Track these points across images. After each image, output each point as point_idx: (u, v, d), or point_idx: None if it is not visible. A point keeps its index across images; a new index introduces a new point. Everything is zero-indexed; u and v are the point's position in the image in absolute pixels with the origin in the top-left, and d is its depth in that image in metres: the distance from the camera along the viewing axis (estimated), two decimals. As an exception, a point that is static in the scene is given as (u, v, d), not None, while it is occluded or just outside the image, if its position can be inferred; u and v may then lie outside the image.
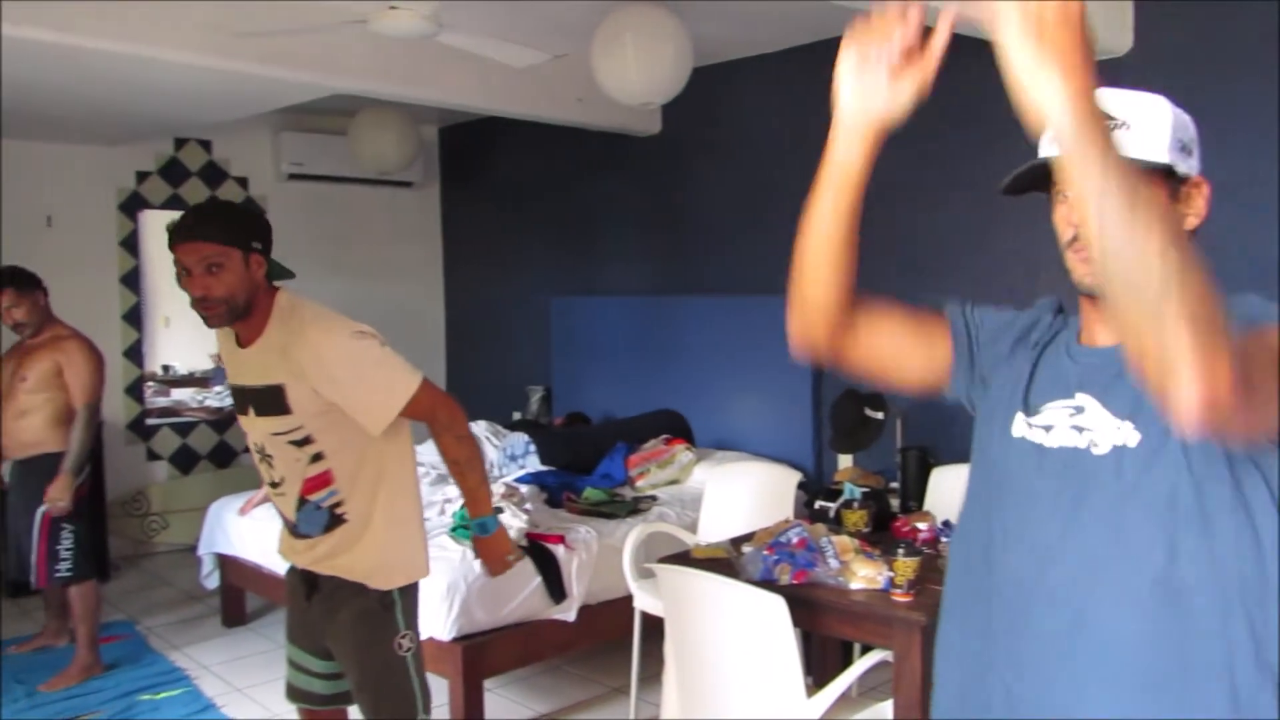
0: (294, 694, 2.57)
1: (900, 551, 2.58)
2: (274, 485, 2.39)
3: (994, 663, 1.31)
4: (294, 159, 6.52)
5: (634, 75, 3.91)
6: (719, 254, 5.45)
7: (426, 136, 7.05)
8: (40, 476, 4.08)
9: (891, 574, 2.58)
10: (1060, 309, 1.46)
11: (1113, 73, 3.98)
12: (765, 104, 5.16)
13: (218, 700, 4.00)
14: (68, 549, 4.10)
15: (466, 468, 2.39)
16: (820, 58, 5.53)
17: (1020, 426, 1.33)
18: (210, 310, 2.26)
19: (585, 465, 4.93)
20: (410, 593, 2.41)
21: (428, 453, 5.24)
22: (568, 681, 4.18)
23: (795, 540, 2.70)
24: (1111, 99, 1.28)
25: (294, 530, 2.40)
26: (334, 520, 2.33)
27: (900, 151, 4.95)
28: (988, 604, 1.33)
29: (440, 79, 4.65)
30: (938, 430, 4.07)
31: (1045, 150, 1.30)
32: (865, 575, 2.63)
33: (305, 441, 2.29)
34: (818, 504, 3.86)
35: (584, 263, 6.28)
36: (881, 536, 3.10)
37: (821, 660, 3.41)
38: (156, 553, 6.15)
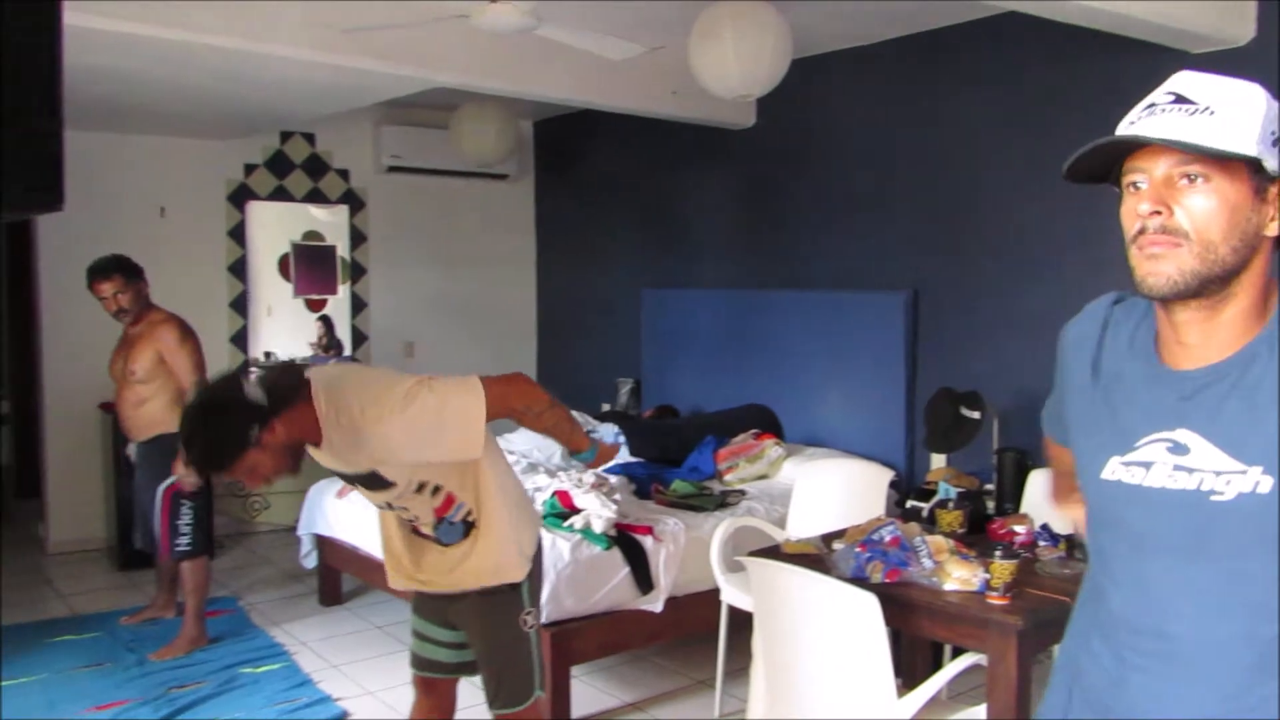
0: (419, 663, 2.67)
1: (997, 554, 2.53)
2: (410, 522, 2.51)
3: (1103, 694, 1.29)
4: (393, 151, 6.67)
5: (732, 68, 3.89)
6: (812, 248, 5.39)
7: (522, 130, 7.14)
8: (161, 456, 4.29)
9: (987, 576, 2.53)
10: (1118, 300, 1.35)
11: (1232, 63, 3.78)
12: (862, 97, 5.09)
13: (315, 676, 4.13)
14: (187, 524, 4.31)
15: (556, 430, 2.49)
16: (917, 51, 5.44)
17: (1112, 468, 1.25)
18: (282, 478, 2.29)
19: (674, 458, 4.95)
20: (535, 572, 2.51)
21: (519, 441, 5.33)
22: (653, 672, 4.20)
23: (888, 538, 2.67)
24: (1199, 84, 1.17)
25: (438, 542, 2.49)
26: (469, 527, 2.45)
27: (1009, 144, 4.82)
28: (1102, 642, 1.30)
29: (538, 73, 4.70)
30: (1036, 432, 3.95)
31: (1122, 129, 1.20)
32: (960, 576, 2.58)
33: (420, 488, 2.37)
34: (909, 503, 3.81)
35: (675, 255, 6.29)
36: (976, 538, 3.04)
37: (911, 661, 3.36)
38: (258, 532, 6.36)
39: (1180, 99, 1.16)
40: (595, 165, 6.93)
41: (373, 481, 2.35)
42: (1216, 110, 1.14)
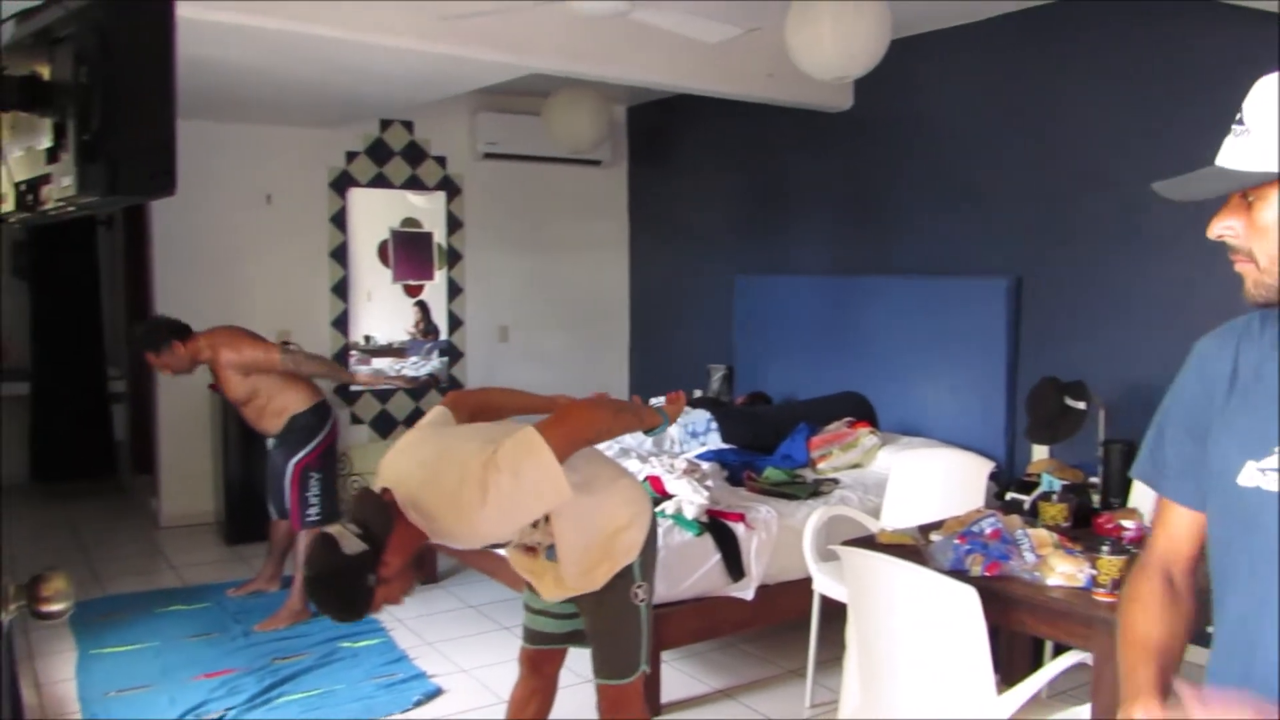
0: (530, 636, 2.74)
1: (1105, 549, 2.44)
2: (530, 550, 2.56)
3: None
4: (489, 138, 6.74)
5: (829, 49, 3.82)
6: (910, 233, 5.28)
7: (616, 115, 7.15)
8: (292, 434, 4.52)
9: (1094, 572, 2.45)
10: (1255, 315, 1.29)
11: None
12: (964, 76, 4.95)
13: (410, 652, 4.22)
14: (315, 495, 4.51)
15: (628, 430, 2.52)
16: (1023, 28, 5.25)
17: (1249, 475, 1.20)
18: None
19: (766, 445, 4.91)
20: (648, 548, 2.52)
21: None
22: (743, 660, 4.18)
23: (989, 530, 2.60)
24: (1261, 96, 1.13)
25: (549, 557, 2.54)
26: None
27: (1120, 125, 4.62)
28: (1226, 659, 1.24)
29: (632, 57, 4.69)
30: (1145, 424, 3.83)
31: (1225, 159, 1.15)
32: (1065, 572, 2.50)
33: (534, 525, 2.42)
34: (1009, 496, 3.70)
35: (769, 241, 6.23)
36: (1082, 533, 2.94)
37: (1009, 658, 3.28)
38: (356, 511, 6.52)
39: (1240, 117, 1.15)
40: (689, 150, 6.90)
41: (489, 547, 2.44)
42: (1254, 128, 1.12)
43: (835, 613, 3.62)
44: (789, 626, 4.20)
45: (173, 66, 1.89)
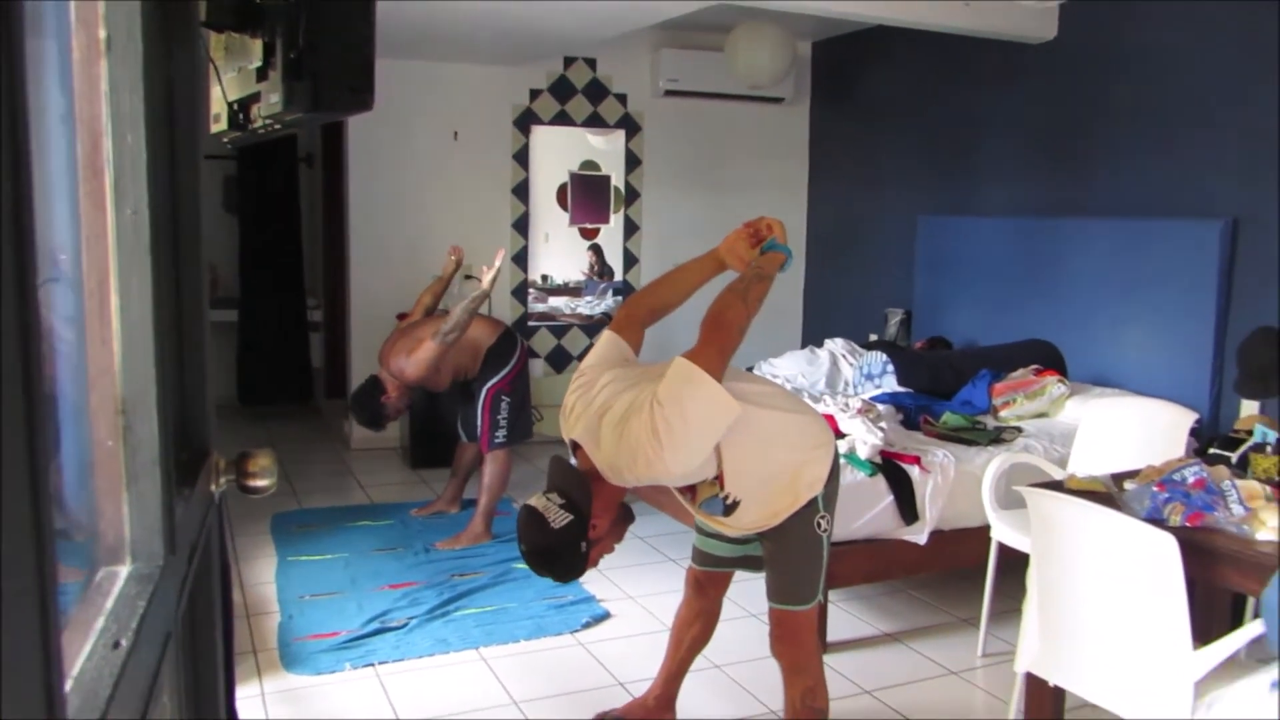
0: (700, 558, 2.79)
1: (1325, 505, 2.25)
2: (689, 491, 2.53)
3: None
4: (670, 75, 6.68)
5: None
6: (1111, 174, 4.94)
7: (800, 51, 6.96)
8: (487, 365, 4.71)
9: (1311, 529, 2.26)
10: None
11: None
12: (1189, 8, 4.55)
13: (581, 578, 4.33)
14: (504, 418, 4.70)
15: (763, 297, 2.40)
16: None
17: None
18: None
19: (945, 390, 4.75)
20: (831, 481, 2.51)
21: (783, 365, 5.30)
22: (912, 606, 4.10)
23: (1192, 479, 2.43)
24: None
25: (711, 515, 2.52)
26: (728, 508, 2.43)
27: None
28: None
29: (820, -14, 4.54)
30: (1377, 379, 3.47)
31: None
32: (1276, 526, 2.32)
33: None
34: (1212, 451, 3.46)
35: (957, 181, 5.96)
36: (1296, 489, 2.72)
37: (1205, 615, 3.08)
38: (533, 442, 6.72)
39: None
40: (874, 87, 6.67)
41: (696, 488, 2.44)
42: None
43: (1011, 563, 3.50)
44: (961, 575, 4.09)
45: (372, -14, 1.95)
